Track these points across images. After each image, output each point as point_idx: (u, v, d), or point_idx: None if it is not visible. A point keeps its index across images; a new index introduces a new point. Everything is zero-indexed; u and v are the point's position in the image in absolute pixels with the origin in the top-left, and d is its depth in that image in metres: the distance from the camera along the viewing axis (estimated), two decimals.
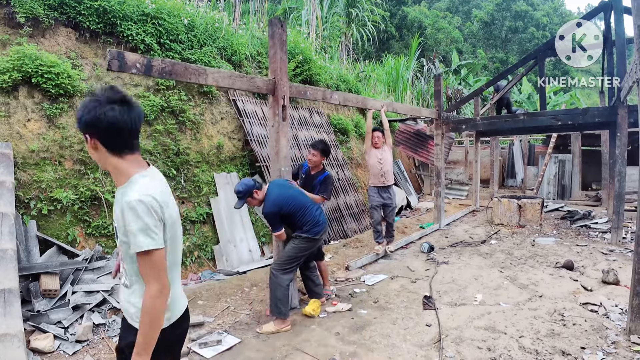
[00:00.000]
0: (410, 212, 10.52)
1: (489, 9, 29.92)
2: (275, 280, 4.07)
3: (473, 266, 5.91)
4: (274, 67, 4.38)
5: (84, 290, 4.40)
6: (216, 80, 3.90)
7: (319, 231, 4.21)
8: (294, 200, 4.14)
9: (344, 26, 12.40)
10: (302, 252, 4.19)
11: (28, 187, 4.69)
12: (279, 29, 4.35)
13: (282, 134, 4.34)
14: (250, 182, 4.07)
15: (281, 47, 4.37)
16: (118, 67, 3.26)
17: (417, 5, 26.13)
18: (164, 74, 3.56)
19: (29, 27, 5.05)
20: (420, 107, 9.48)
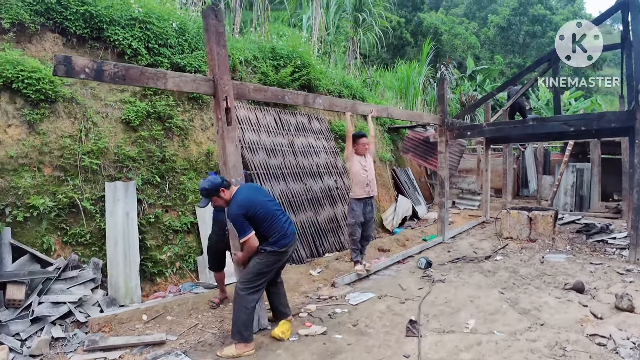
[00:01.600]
0: (417, 222, 10.14)
1: (504, 13, 29.01)
2: (240, 301, 3.75)
3: (471, 285, 5.50)
4: (212, 64, 4.03)
5: (50, 301, 4.30)
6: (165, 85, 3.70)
7: (286, 243, 3.91)
8: (262, 207, 3.82)
9: (351, 31, 12.14)
10: (268, 268, 3.87)
11: (5, 194, 4.64)
12: (213, 19, 3.97)
13: (229, 140, 4.01)
14: (217, 180, 3.75)
15: (218, 41, 3.99)
16: (65, 73, 3.14)
17: (433, 12, 25.59)
18: (117, 79, 3.41)
19: (14, 32, 5.03)
20: (421, 112, 9.12)
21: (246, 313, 3.73)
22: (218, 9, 4.11)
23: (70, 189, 5.05)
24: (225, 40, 4.14)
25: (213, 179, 3.76)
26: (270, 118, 7.80)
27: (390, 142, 11.72)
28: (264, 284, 3.92)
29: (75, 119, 5.31)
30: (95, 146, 5.29)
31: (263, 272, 3.85)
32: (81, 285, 4.71)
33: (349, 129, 5.88)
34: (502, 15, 29.31)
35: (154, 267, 5.49)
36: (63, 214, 4.95)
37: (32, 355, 3.61)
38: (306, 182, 7.79)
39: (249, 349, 3.73)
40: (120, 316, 4.39)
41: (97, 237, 5.15)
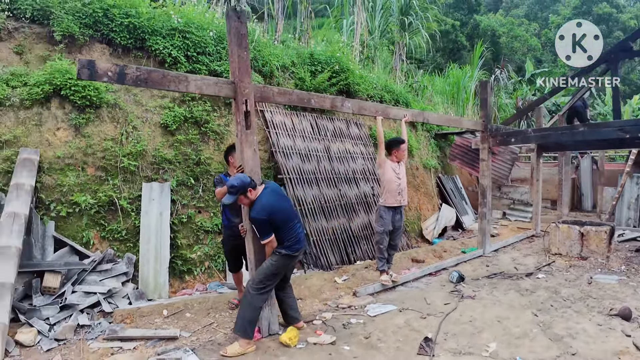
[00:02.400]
0: (461, 233, 9.70)
1: (565, 13, 26.76)
2: (249, 299, 3.87)
3: (503, 304, 5.14)
4: (233, 67, 4.05)
5: (82, 291, 4.64)
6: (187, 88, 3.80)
7: (299, 248, 4.05)
8: (283, 213, 3.96)
9: (398, 35, 11.87)
10: (279, 270, 3.99)
11: (51, 190, 5.10)
12: (235, 21, 3.98)
13: (247, 145, 4.07)
14: (246, 179, 3.85)
15: (239, 44, 4.01)
16: (88, 76, 3.35)
17: (491, 13, 24.24)
18: (139, 82, 3.57)
19: (65, 44, 5.53)
20: (461, 118, 8.68)
21: (253, 311, 3.86)
22: (241, 11, 4.17)
23: (110, 188, 5.43)
24: (247, 43, 4.16)
25: (243, 178, 3.85)
26: (307, 123, 7.86)
27: (437, 148, 11.34)
28: (273, 285, 4.03)
29: (117, 123, 5.71)
30: (134, 149, 5.65)
31: (275, 274, 3.98)
32: (113, 278, 5.04)
33: (380, 134, 5.73)
34: (562, 15, 27.18)
35: (184, 265, 5.74)
36: (102, 211, 5.33)
37: (57, 339, 3.91)
38: (341, 187, 7.76)
39: (251, 345, 3.83)
40: (142, 309, 4.64)
41: (132, 233, 5.49)
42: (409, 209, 9.12)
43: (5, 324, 3.64)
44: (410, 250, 7.83)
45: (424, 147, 10.73)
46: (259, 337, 4.08)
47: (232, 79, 4.10)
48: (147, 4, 6.10)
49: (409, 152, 9.78)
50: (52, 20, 5.39)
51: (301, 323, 4.37)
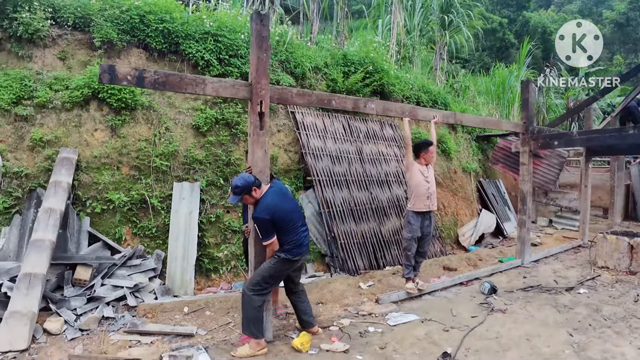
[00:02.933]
0: (501, 240, 9.22)
1: (620, 8, 24.44)
2: (247, 299, 3.86)
3: (536, 321, 4.80)
4: (252, 68, 4.10)
5: (111, 284, 4.87)
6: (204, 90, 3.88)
7: (299, 253, 3.95)
8: (286, 214, 3.89)
9: (438, 34, 11.44)
10: (277, 273, 3.94)
11: (88, 188, 5.40)
12: (258, 24, 4.01)
13: (258, 145, 4.06)
14: (250, 178, 3.82)
15: (260, 46, 4.04)
16: (109, 80, 3.49)
17: (542, 10, 22.68)
18: (157, 85, 3.68)
19: (104, 49, 5.83)
20: (499, 119, 8.21)
21: (253, 311, 3.84)
22: (265, 14, 4.20)
23: (143, 187, 5.67)
24: (268, 46, 4.20)
25: (247, 177, 3.84)
26: (339, 125, 7.80)
27: (479, 151, 10.86)
28: (270, 287, 3.99)
29: (151, 124, 5.95)
30: (166, 149, 5.85)
31: (272, 277, 3.93)
32: (142, 273, 5.25)
33: (407, 136, 5.55)
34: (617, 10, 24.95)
35: (210, 264, 5.87)
36: (135, 209, 5.57)
37: (81, 329, 4.13)
38: (372, 190, 7.63)
39: (261, 347, 3.81)
40: (165, 305, 4.79)
41: (162, 231, 5.69)
42: (445, 214, 8.80)
43: (34, 312, 3.90)
44: (443, 257, 7.54)
45: (464, 150, 10.31)
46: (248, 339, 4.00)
47: (250, 81, 4.14)
48: (181, 9, 6.30)
49: (447, 154, 9.45)
50: (93, 27, 5.71)
51: (316, 328, 4.31)
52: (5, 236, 4.79)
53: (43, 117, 5.33)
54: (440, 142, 9.32)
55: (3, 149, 5.09)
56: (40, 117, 5.31)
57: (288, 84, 7.09)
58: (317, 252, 6.82)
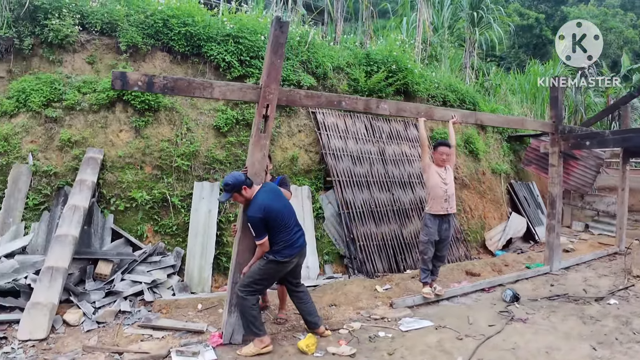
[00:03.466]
0: (532, 245, 8.82)
1: None
2: (240, 301, 3.89)
3: (558, 332, 4.56)
4: (264, 72, 4.14)
5: (130, 280, 5.07)
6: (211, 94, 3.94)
7: (290, 254, 3.93)
8: (277, 214, 3.88)
9: (467, 31, 11.05)
10: (266, 275, 3.94)
11: (112, 186, 5.63)
12: (277, 30, 4.03)
13: (257, 148, 4.08)
14: (240, 177, 3.86)
15: (275, 51, 4.07)
16: (121, 86, 3.66)
17: (582, 4, 21.28)
18: (167, 90, 3.81)
19: (129, 53, 6.06)
20: (524, 118, 7.83)
21: (249, 310, 3.86)
22: (285, 22, 4.23)
23: (164, 186, 5.85)
24: (283, 52, 4.24)
25: (237, 176, 3.87)
26: (361, 125, 7.73)
27: (510, 152, 10.44)
28: (261, 289, 4.05)
29: (173, 125, 6.12)
30: (187, 149, 6.01)
31: (262, 279, 3.94)
32: (161, 269, 5.42)
33: (423, 137, 5.43)
34: None
35: (228, 262, 5.96)
36: (156, 207, 5.75)
37: (98, 322, 4.30)
38: (394, 192, 7.51)
39: (265, 344, 3.84)
40: (180, 301, 4.92)
41: (182, 229, 5.84)
42: (472, 217, 8.53)
43: (55, 303, 4.11)
44: (467, 261, 7.32)
45: (494, 150, 9.96)
46: (220, 342, 4.03)
47: (260, 84, 4.17)
48: (203, 12, 6.45)
49: (475, 155, 9.15)
50: (119, 32, 5.96)
51: (322, 328, 4.30)
52: (34, 231, 5.09)
53: (71, 118, 5.62)
54: (468, 143, 9.05)
55: (34, 148, 5.41)
56: (68, 119, 5.60)
57: (309, 84, 7.10)
58: (336, 253, 6.80)
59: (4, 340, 3.89)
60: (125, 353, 3.74)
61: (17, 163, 5.35)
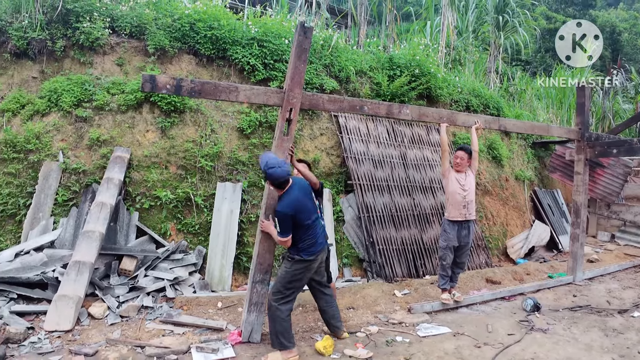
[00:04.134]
0: (555, 254, 8.62)
1: None
2: (273, 312, 3.82)
3: (579, 344, 4.46)
4: (288, 76, 4.19)
5: (153, 276, 5.20)
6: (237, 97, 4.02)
7: (314, 252, 3.88)
8: (306, 213, 3.83)
9: (492, 35, 10.88)
10: (297, 277, 3.87)
11: (138, 185, 5.79)
12: (301, 35, 4.10)
13: (280, 150, 4.12)
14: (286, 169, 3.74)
15: (299, 56, 4.13)
16: (150, 89, 3.74)
17: (612, 9, 20.59)
18: (194, 93, 3.89)
19: (157, 56, 6.23)
20: (549, 125, 7.65)
21: (280, 323, 3.81)
22: (309, 27, 4.27)
23: (188, 186, 5.97)
24: (306, 57, 4.29)
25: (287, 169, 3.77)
26: (382, 129, 7.72)
27: (535, 158, 10.23)
28: (293, 293, 3.93)
29: (198, 126, 6.25)
30: (211, 150, 6.13)
31: (292, 282, 3.87)
32: (183, 267, 5.54)
33: (444, 142, 5.39)
34: None
35: (248, 262, 6.04)
36: (180, 206, 5.88)
37: (121, 316, 4.43)
38: (415, 196, 7.47)
39: (293, 354, 3.81)
40: (200, 299, 5.02)
41: (204, 228, 5.95)
42: (494, 224, 8.40)
43: (80, 297, 4.25)
44: (487, 269, 7.20)
45: (518, 157, 9.78)
46: (239, 340, 4.06)
47: (284, 88, 4.24)
48: (229, 16, 6.57)
49: (498, 161, 9.01)
50: (147, 35, 6.13)
51: (343, 334, 4.31)
52: (62, 226, 5.28)
53: (100, 118, 5.81)
54: (491, 149, 8.92)
55: (64, 147, 5.61)
56: (97, 119, 5.79)
57: (332, 88, 7.15)
58: (355, 256, 6.80)
59: (31, 330, 4.05)
60: (147, 347, 3.84)
61: (48, 160, 5.56)
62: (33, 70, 6.07)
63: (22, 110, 5.80)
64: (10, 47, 5.92)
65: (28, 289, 4.55)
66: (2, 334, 3.71)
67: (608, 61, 17.27)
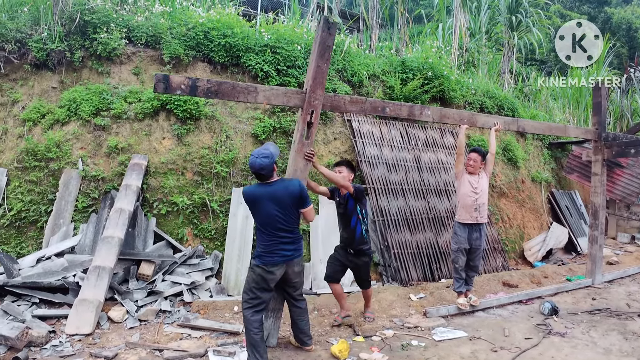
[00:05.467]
0: (574, 257, 8.46)
1: None
2: (243, 319, 3.63)
3: (598, 348, 4.38)
4: (309, 76, 3.96)
5: (170, 281, 5.29)
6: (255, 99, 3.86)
7: (270, 262, 3.59)
8: (257, 211, 3.63)
9: (506, 36, 10.76)
10: (254, 284, 3.61)
11: (155, 191, 5.90)
12: (325, 32, 3.85)
13: (300, 155, 3.99)
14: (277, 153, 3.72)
15: (322, 55, 3.88)
16: (164, 89, 3.59)
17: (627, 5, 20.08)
18: (210, 94, 3.72)
19: (172, 64, 6.35)
20: (566, 125, 7.54)
21: (250, 334, 3.58)
22: (333, 22, 4.05)
23: (204, 191, 6.06)
24: (329, 56, 4.02)
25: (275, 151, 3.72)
26: (396, 132, 7.71)
27: (552, 159, 10.08)
28: (258, 301, 3.64)
29: (213, 133, 6.35)
30: (226, 156, 6.20)
31: (253, 288, 3.64)
32: (199, 272, 5.61)
33: (461, 144, 5.35)
34: None
35: None
36: (196, 211, 5.96)
37: (140, 320, 4.51)
38: (429, 200, 7.44)
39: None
40: (217, 303, 5.08)
41: (221, 233, 6.03)
42: (510, 227, 8.30)
43: (101, 301, 4.35)
44: (504, 272, 7.12)
45: (534, 158, 9.65)
46: None
47: (304, 88, 4.06)
48: (242, 24, 6.66)
49: (514, 163, 8.91)
50: (162, 44, 6.26)
51: (310, 347, 4.10)
52: (82, 232, 5.41)
53: (118, 126, 5.94)
54: (507, 150, 8.83)
55: (83, 155, 5.75)
56: (115, 127, 5.93)
57: (344, 93, 7.17)
58: None
59: (53, 334, 4.15)
60: (165, 350, 3.90)
61: (68, 168, 5.70)
62: (53, 80, 6.24)
63: (42, 119, 5.97)
64: (30, 58, 6.11)
65: (50, 293, 4.68)
66: (25, 338, 3.81)
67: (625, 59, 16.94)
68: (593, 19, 19.08)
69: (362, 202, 4.57)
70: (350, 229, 4.55)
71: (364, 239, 4.56)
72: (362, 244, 4.58)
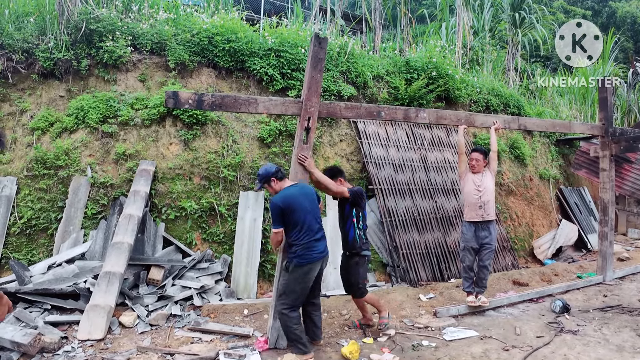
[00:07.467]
0: (584, 254, 8.38)
1: None
2: (283, 319, 3.89)
3: (610, 345, 4.33)
4: (305, 86, 4.27)
5: (180, 285, 5.31)
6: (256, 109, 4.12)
7: (310, 258, 3.87)
8: (299, 211, 3.86)
9: (510, 33, 10.71)
10: (298, 284, 3.88)
11: (163, 196, 5.93)
12: (316, 46, 4.18)
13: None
14: (271, 169, 3.97)
15: (315, 66, 4.21)
16: (174, 104, 3.90)
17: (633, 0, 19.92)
18: (215, 107, 4.04)
19: (177, 70, 6.40)
20: (571, 121, 7.48)
21: (293, 330, 3.86)
22: (324, 38, 4.33)
23: (212, 196, 6.09)
24: (322, 67, 4.35)
25: (268, 167, 3.99)
26: (402, 133, 7.71)
27: (559, 156, 10.00)
28: (300, 299, 3.94)
29: (220, 137, 6.38)
30: (233, 160, 6.23)
31: (295, 290, 3.89)
32: (209, 276, 5.63)
33: (461, 144, 5.39)
34: None
35: (273, 270, 6.10)
36: (204, 216, 5.99)
37: (151, 324, 4.54)
38: (437, 199, 7.42)
39: (309, 357, 3.86)
40: (227, 306, 5.09)
41: (229, 237, 6.05)
42: (519, 225, 8.25)
43: (112, 306, 4.37)
44: (514, 270, 7.07)
45: (541, 155, 9.59)
46: (265, 346, 4.10)
47: (301, 97, 4.32)
48: (245, 29, 6.71)
49: (521, 160, 8.87)
50: (167, 51, 6.32)
51: (320, 341, 4.25)
52: (92, 238, 5.46)
53: (125, 133, 6.00)
54: (514, 148, 8.79)
55: (92, 162, 5.81)
56: (123, 134, 5.98)
57: (349, 94, 7.19)
58: (379, 261, 6.79)
59: (65, 339, 4.18)
60: (176, 354, 3.92)
61: (77, 175, 5.76)
62: (60, 89, 6.32)
63: (51, 128, 6.04)
64: (37, 68, 6.18)
65: (61, 299, 4.72)
66: (37, 344, 3.85)
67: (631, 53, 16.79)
68: (597, 13, 18.92)
69: (361, 205, 4.52)
70: (344, 231, 4.56)
71: (355, 243, 4.46)
72: (353, 248, 4.50)
